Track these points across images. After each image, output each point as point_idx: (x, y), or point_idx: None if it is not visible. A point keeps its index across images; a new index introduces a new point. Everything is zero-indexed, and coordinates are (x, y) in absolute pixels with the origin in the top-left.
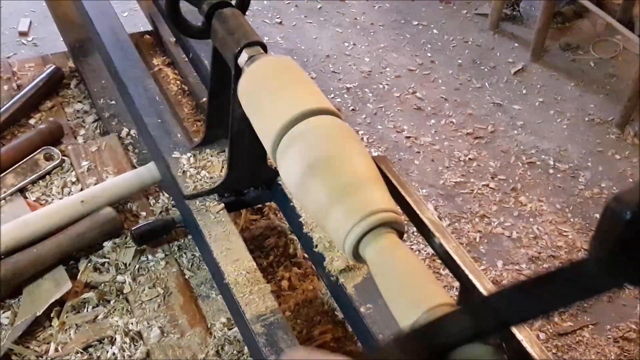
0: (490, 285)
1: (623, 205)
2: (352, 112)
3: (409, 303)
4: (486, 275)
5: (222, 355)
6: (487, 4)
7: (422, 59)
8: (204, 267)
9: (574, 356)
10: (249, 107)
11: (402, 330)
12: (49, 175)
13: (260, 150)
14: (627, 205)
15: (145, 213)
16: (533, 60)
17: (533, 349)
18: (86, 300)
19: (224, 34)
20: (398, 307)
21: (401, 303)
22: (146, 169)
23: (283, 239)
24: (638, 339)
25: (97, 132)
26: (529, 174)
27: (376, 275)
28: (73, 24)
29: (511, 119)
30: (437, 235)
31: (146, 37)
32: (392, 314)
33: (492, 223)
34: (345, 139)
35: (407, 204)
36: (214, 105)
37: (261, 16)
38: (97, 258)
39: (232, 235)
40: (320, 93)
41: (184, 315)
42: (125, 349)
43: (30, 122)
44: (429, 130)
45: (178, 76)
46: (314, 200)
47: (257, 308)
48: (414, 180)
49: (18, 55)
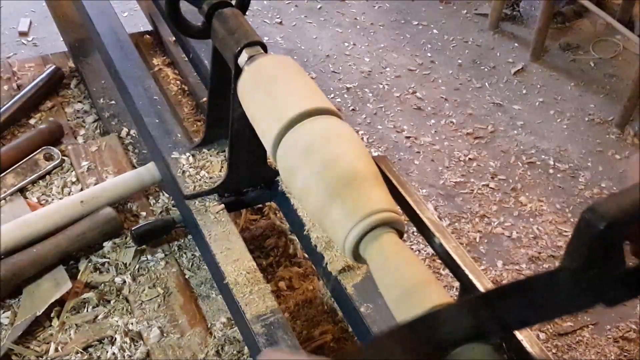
0: (490, 285)
1: (597, 216)
2: (352, 112)
3: (409, 303)
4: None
5: (222, 355)
6: (487, 4)
7: (422, 59)
8: (204, 267)
9: (574, 356)
10: (249, 107)
11: (397, 323)
12: (49, 175)
13: (260, 150)
14: (601, 216)
15: (145, 213)
16: (533, 60)
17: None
18: (86, 300)
19: (224, 33)
20: (398, 307)
21: (401, 303)
22: (146, 169)
23: (283, 239)
24: (638, 339)
25: (97, 132)
26: (529, 174)
27: (376, 275)
28: (73, 24)
29: (511, 119)
30: (437, 235)
31: (146, 37)
32: (392, 313)
33: (492, 223)
34: (345, 139)
35: (407, 204)
36: (214, 105)
37: (261, 16)
38: (97, 258)
39: (232, 235)
40: (321, 93)
41: (184, 315)
42: (125, 349)
43: (30, 122)
44: (429, 130)
45: (178, 76)
46: (314, 200)
47: (257, 308)
48: (414, 180)
49: (18, 55)
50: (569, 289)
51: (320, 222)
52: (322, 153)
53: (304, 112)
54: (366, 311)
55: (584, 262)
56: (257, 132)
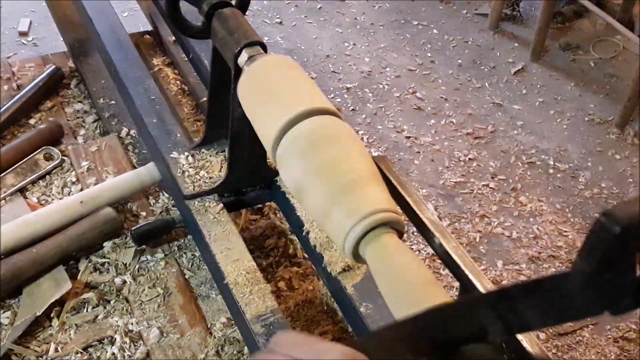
0: (490, 285)
1: (613, 220)
2: (352, 112)
3: (409, 303)
4: (486, 275)
5: (222, 355)
6: (487, 4)
7: (422, 59)
8: (204, 267)
9: (574, 356)
10: (249, 107)
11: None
12: (49, 175)
13: (260, 150)
14: (617, 220)
15: (145, 213)
16: (533, 60)
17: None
18: (86, 300)
19: (224, 33)
20: (398, 307)
21: (401, 303)
22: (146, 170)
23: (283, 239)
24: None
25: (97, 132)
26: (529, 174)
27: (376, 276)
28: (73, 24)
29: (511, 119)
30: (437, 235)
31: (146, 37)
32: (392, 313)
33: (492, 223)
34: (345, 139)
35: (407, 204)
36: (214, 105)
37: (261, 16)
38: (97, 258)
39: (232, 235)
40: (320, 93)
41: (183, 315)
42: (125, 349)
43: (30, 122)
44: (429, 130)
45: (178, 76)
46: (314, 200)
47: (257, 308)
48: (414, 180)
49: (18, 55)
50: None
51: (320, 222)
52: (322, 153)
53: (303, 112)
54: (366, 311)
55: (597, 266)
56: (257, 132)
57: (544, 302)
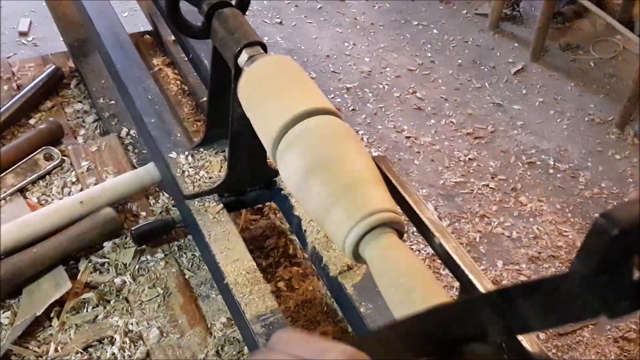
0: (490, 285)
1: (612, 222)
2: (352, 112)
3: (409, 303)
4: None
5: (222, 355)
6: (487, 4)
7: (422, 59)
8: (204, 267)
9: (574, 356)
10: (249, 107)
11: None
12: (49, 175)
13: (260, 150)
14: (616, 222)
15: (145, 213)
16: (533, 60)
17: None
18: (86, 300)
19: (224, 34)
20: (398, 307)
21: (401, 303)
22: (146, 170)
23: (283, 239)
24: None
25: (97, 132)
26: (529, 174)
27: (376, 276)
28: (73, 24)
29: (511, 119)
30: (437, 235)
31: (146, 37)
32: (392, 313)
33: (492, 223)
34: (345, 139)
35: (407, 204)
36: (213, 105)
37: (261, 16)
38: (97, 258)
39: (232, 235)
40: (320, 93)
41: (183, 315)
42: (125, 349)
43: (30, 122)
44: (429, 130)
45: (178, 76)
46: (314, 200)
47: (257, 308)
48: (414, 180)
49: (18, 55)
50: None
51: (320, 222)
52: (322, 153)
53: (303, 112)
54: (366, 311)
55: (595, 268)
56: (257, 132)
57: (543, 303)
